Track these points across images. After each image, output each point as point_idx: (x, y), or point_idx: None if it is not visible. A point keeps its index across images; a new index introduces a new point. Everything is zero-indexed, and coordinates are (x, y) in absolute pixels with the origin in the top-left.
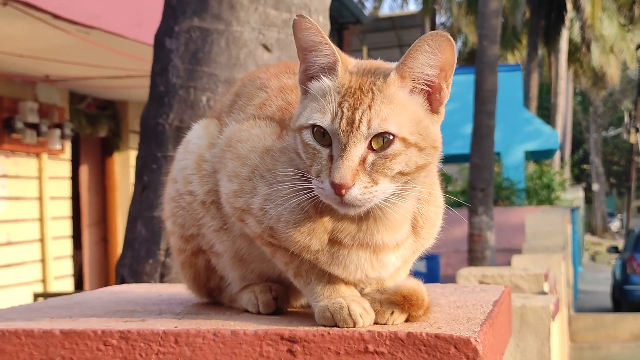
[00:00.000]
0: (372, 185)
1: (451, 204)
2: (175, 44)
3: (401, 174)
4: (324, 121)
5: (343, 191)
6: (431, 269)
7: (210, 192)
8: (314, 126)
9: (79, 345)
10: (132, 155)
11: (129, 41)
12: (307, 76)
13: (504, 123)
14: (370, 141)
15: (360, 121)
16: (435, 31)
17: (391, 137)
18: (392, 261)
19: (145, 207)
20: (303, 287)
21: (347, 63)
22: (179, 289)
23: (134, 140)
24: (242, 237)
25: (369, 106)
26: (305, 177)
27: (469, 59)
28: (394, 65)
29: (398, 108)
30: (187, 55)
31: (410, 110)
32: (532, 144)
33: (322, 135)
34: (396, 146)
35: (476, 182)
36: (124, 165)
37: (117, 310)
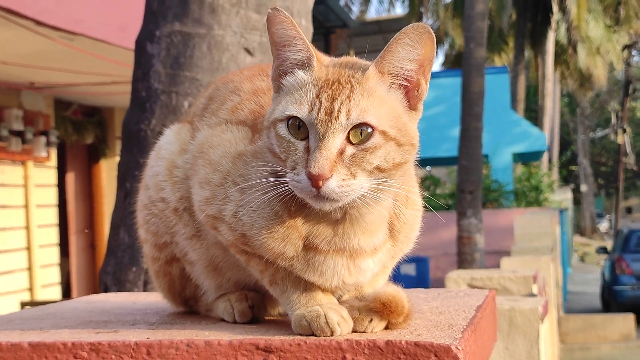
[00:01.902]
0: (350, 179)
1: (440, 207)
2: (157, 49)
3: (379, 169)
4: (301, 112)
5: (320, 182)
6: (421, 272)
7: (183, 198)
8: (289, 118)
9: (48, 359)
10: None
11: (114, 47)
12: (281, 72)
13: (491, 125)
14: (349, 135)
15: (339, 111)
16: (417, 23)
17: (370, 129)
18: (370, 267)
19: (128, 214)
20: (279, 295)
21: (322, 59)
22: (156, 298)
23: (120, 146)
24: (216, 244)
25: (348, 97)
26: (278, 174)
27: (456, 62)
28: (370, 62)
29: (377, 101)
30: (168, 60)
31: (389, 104)
32: (520, 146)
33: (298, 128)
34: (376, 139)
35: (464, 185)
36: (111, 172)
37: (90, 321)
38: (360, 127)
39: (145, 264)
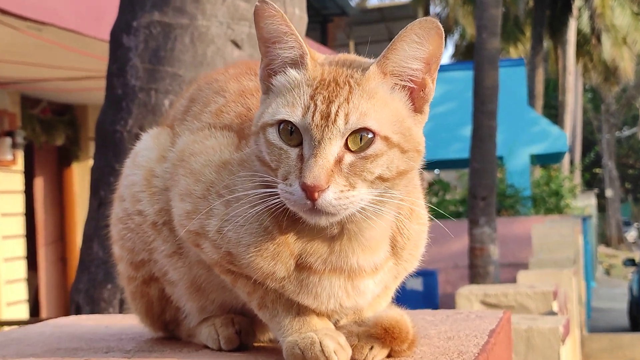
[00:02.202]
0: (348, 190)
1: (450, 215)
2: (134, 41)
3: (381, 179)
4: (294, 116)
5: (316, 194)
6: (428, 287)
7: (162, 211)
8: (280, 123)
9: None
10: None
11: (87, 38)
12: (270, 72)
13: (506, 124)
14: (347, 141)
15: (336, 115)
16: (424, 18)
17: (371, 135)
18: (370, 288)
19: (103, 225)
20: (269, 319)
21: (317, 57)
22: (132, 322)
23: (94, 148)
24: (199, 263)
25: (346, 99)
26: (268, 185)
27: (467, 54)
28: (371, 60)
29: (379, 104)
30: (147, 54)
31: (392, 107)
32: (538, 146)
33: (290, 133)
34: (377, 146)
35: (477, 190)
36: (84, 177)
37: (58, 349)
38: (359, 132)
39: (119, 281)
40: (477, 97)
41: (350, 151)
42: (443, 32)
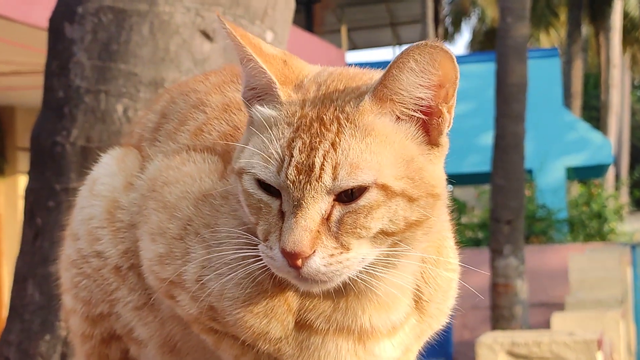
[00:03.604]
0: (341, 253)
1: (467, 242)
2: (79, 32)
3: (385, 234)
4: (267, 172)
5: (299, 262)
6: (441, 334)
7: (128, 253)
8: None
9: None
10: (23, 181)
11: (17, 25)
12: (249, 97)
13: (537, 129)
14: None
15: (322, 168)
16: (423, 42)
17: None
18: (388, 352)
19: (39, 260)
20: None
21: (296, 77)
22: None
23: (24, 160)
24: (174, 319)
25: (333, 145)
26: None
27: (487, 42)
28: (375, 75)
29: (377, 143)
30: (95, 48)
31: (395, 145)
32: (576, 157)
33: (269, 185)
34: (372, 196)
35: (500, 212)
36: (11, 196)
37: None
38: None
39: (63, 330)
40: (500, 96)
41: (340, 202)
42: (452, 53)
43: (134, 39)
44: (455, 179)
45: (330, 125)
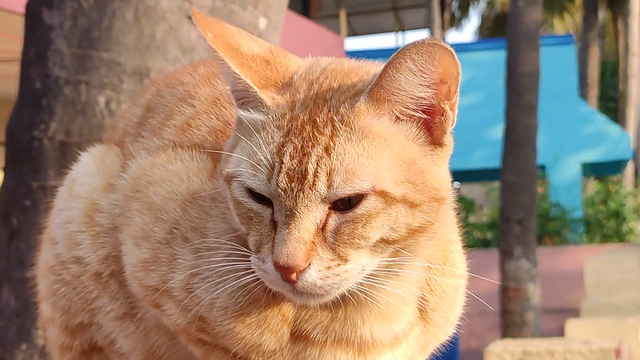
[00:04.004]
0: (338, 265)
1: (475, 243)
2: (58, 18)
3: (385, 242)
4: (257, 181)
5: (293, 276)
6: (446, 344)
7: (109, 259)
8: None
9: None
10: None
11: None
12: (235, 97)
13: (550, 122)
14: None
15: (315, 175)
16: (419, 40)
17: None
18: None
19: (15, 263)
20: None
21: (284, 74)
22: None
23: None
24: (159, 329)
25: (327, 150)
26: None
27: (497, 28)
28: (371, 69)
29: (374, 147)
30: (75, 35)
31: (395, 147)
32: (592, 152)
33: (260, 194)
34: (370, 203)
35: (511, 211)
36: None
37: None
38: None
39: (40, 338)
40: (510, 86)
41: (336, 210)
42: (451, 49)
43: (117, 25)
44: (462, 176)
45: (323, 128)
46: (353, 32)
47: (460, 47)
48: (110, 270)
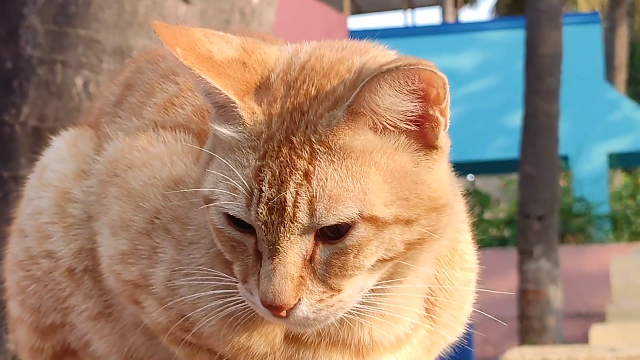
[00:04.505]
0: (331, 296)
1: (491, 242)
2: None
3: (382, 261)
4: (235, 206)
5: (283, 313)
6: (460, 349)
7: (83, 252)
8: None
9: None
10: None
11: None
12: (209, 106)
13: (574, 108)
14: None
15: (295, 206)
16: (393, 66)
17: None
18: None
19: None
20: None
21: (263, 72)
22: None
23: None
24: (138, 328)
25: (307, 175)
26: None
27: (515, 6)
28: (355, 62)
29: (359, 165)
30: (49, 10)
31: (382, 162)
32: (619, 141)
33: (240, 220)
34: (360, 232)
35: (530, 206)
36: None
37: None
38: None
39: (18, 353)
40: (530, 69)
41: (324, 238)
42: (431, 67)
43: (95, 0)
44: (476, 168)
45: (301, 151)
46: (357, 10)
47: (474, 26)
48: (84, 265)
